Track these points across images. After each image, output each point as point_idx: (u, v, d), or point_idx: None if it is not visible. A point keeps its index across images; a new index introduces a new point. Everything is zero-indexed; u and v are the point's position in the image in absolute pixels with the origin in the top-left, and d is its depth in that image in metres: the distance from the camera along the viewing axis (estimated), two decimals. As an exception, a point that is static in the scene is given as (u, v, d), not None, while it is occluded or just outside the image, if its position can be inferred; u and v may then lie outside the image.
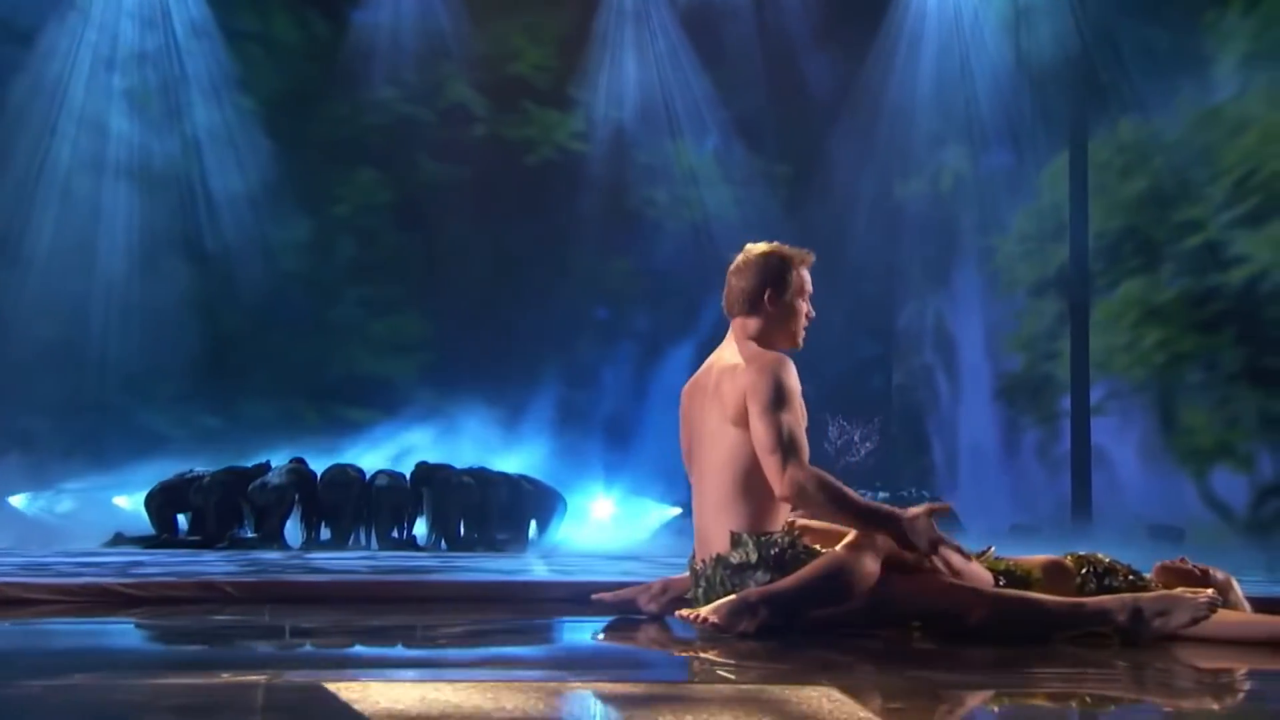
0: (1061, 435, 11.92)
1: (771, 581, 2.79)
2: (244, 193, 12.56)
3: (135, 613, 3.28)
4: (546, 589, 3.98)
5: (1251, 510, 9.88)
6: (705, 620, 2.71)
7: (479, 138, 13.32)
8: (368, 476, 7.80)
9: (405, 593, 3.91)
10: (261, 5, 12.87)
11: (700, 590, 2.95)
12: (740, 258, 3.11)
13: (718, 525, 2.93)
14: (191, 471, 7.92)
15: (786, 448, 2.80)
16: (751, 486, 2.89)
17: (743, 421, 2.89)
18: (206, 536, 7.27)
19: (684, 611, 2.81)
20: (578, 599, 3.50)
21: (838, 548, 2.82)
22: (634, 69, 13.59)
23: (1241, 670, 2.68)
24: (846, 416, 13.35)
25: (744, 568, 2.84)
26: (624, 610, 3.29)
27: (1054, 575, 3.02)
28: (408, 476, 7.91)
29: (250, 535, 7.29)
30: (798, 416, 2.88)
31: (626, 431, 12.27)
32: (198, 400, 12.13)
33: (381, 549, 7.44)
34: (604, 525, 10.19)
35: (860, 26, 13.26)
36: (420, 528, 7.96)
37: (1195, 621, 2.82)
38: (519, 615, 3.52)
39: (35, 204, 11.53)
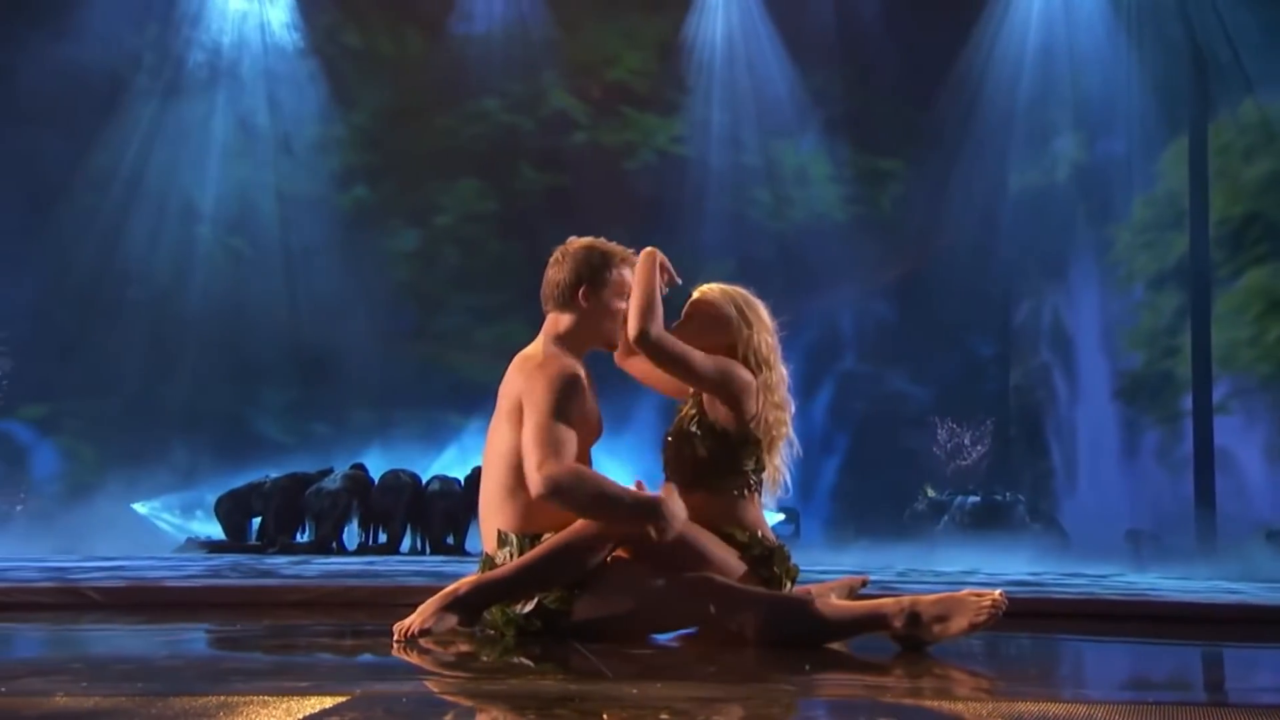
0: (1183, 436, 11.27)
1: None
2: (351, 205, 12.97)
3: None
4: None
5: (1385, 516, 9.11)
6: (408, 632, 2.61)
7: (579, 144, 13.40)
8: (424, 482, 7.89)
9: (265, 598, 3.88)
10: (362, 22, 13.22)
11: None
12: (559, 250, 2.97)
13: (490, 523, 2.84)
14: (266, 478, 8.18)
15: (544, 447, 2.65)
16: (522, 484, 2.73)
17: (516, 419, 2.77)
18: (266, 541, 7.49)
19: (399, 625, 2.67)
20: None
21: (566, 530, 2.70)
22: (730, 69, 13.44)
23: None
24: (956, 419, 12.86)
25: None
26: None
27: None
28: (463, 482, 7.96)
29: (305, 540, 7.47)
30: (570, 423, 2.72)
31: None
32: (308, 408, 12.56)
33: (433, 554, 7.52)
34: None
35: (961, 15, 12.79)
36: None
37: (975, 627, 2.60)
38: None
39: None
